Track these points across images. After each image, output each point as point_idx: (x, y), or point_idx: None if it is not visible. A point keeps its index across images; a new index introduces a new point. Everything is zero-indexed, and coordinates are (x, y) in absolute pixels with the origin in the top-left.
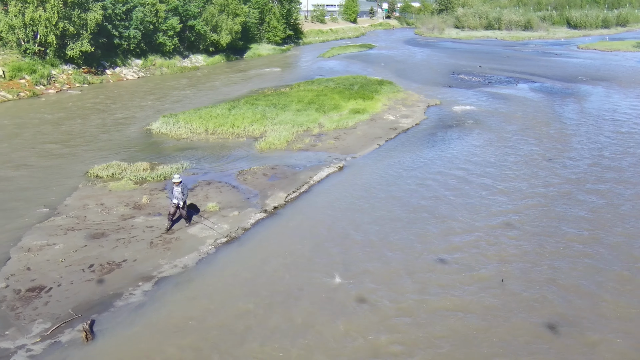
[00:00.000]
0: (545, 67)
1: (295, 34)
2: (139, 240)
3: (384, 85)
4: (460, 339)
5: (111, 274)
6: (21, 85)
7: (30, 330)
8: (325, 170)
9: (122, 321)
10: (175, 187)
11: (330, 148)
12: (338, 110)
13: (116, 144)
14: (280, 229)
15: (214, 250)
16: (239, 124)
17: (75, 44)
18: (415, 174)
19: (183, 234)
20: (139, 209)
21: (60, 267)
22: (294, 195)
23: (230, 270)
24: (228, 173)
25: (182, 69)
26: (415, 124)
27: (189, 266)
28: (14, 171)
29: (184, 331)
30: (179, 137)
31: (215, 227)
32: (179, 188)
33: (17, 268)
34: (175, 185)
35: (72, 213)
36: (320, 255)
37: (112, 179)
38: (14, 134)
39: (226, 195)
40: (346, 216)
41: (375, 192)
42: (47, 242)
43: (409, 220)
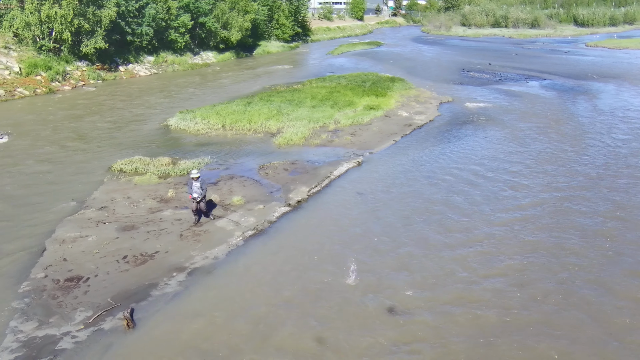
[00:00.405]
0: (554, 64)
1: (303, 31)
2: (168, 233)
3: (396, 83)
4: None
5: (145, 265)
6: (37, 81)
7: (73, 318)
8: (345, 166)
9: (160, 310)
10: (194, 182)
11: (347, 144)
12: (352, 106)
13: (136, 139)
14: (305, 222)
15: (242, 242)
16: (255, 120)
17: (89, 41)
18: (433, 170)
19: (211, 227)
20: (166, 203)
21: (95, 258)
22: (315, 189)
23: (260, 262)
24: (249, 168)
25: (194, 66)
26: (429, 120)
27: (219, 258)
28: (40, 166)
29: (220, 320)
30: (197, 133)
31: (241, 220)
32: (197, 183)
33: (54, 259)
34: (193, 180)
35: (101, 206)
36: (347, 247)
37: (136, 174)
38: (35, 130)
39: (250, 189)
40: (368, 210)
41: (395, 188)
42: (80, 234)
43: (430, 214)
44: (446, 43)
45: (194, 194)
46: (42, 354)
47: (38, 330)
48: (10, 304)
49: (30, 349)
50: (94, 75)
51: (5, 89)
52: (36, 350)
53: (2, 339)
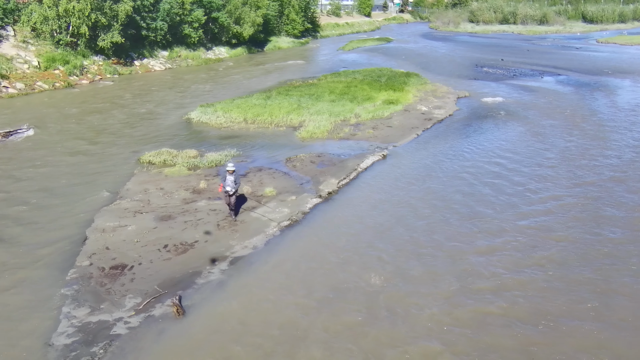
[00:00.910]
0: (567, 60)
1: (312, 27)
2: (205, 223)
3: (411, 78)
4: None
5: (186, 253)
6: (55, 75)
7: (123, 304)
8: (370, 159)
9: (207, 297)
10: (229, 175)
11: (370, 137)
12: (371, 101)
13: (159, 132)
14: (337, 213)
15: (278, 232)
16: (276, 114)
17: (106, 35)
18: (459, 164)
19: (247, 217)
20: (199, 194)
21: (137, 247)
22: (344, 181)
23: (298, 251)
24: (276, 160)
25: (207, 61)
26: (448, 114)
27: (258, 247)
28: (70, 158)
29: (265, 308)
30: (220, 126)
31: (276, 210)
32: (232, 177)
33: (97, 247)
34: (228, 173)
35: (136, 197)
36: (382, 240)
37: (164, 165)
38: (60, 123)
39: (280, 181)
40: (399, 203)
41: (423, 180)
42: (119, 223)
43: (460, 207)
44: (456, 39)
45: (227, 187)
46: (98, 339)
47: (91, 316)
48: (60, 291)
49: (85, 333)
50: (111, 70)
51: (25, 82)
52: (92, 335)
53: (57, 324)
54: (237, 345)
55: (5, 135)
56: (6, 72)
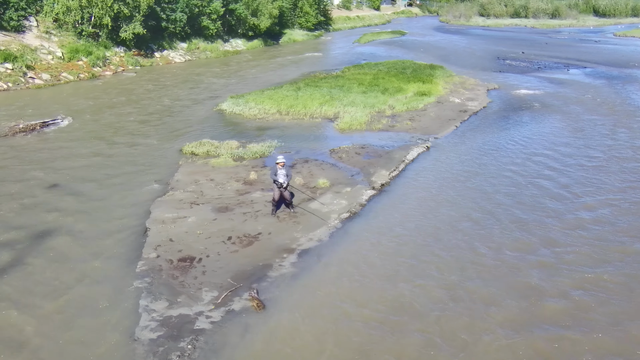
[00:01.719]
0: (589, 53)
1: (325, 20)
2: (264, 215)
3: (436, 70)
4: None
5: (252, 246)
6: (79, 66)
7: (201, 297)
8: (415, 150)
9: (283, 291)
10: (280, 168)
11: (409, 129)
12: (402, 92)
13: (194, 123)
14: (394, 205)
15: (340, 225)
16: (309, 105)
17: (128, 26)
18: (506, 156)
19: (306, 209)
20: (251, 185)
21: (200, 239)
22: (394, 173)
23: (364, 243)
24: (320, 152)
25: (225, 53)
26: (482, 106)
27: (323, 240)
28: (111, 149)
29: (346, 302)
30: (254, 118)
31: (334, 202)
32: (283, 170)
33: (161, 239)
34: (279, 166)
35: (188, 188)
36: (445, 232)
37: (208, 156)
38: (92, 114)
39: (329, 172)
40: (455, 195)
41: (468, 176)
42: (178, 214)
43: (512, 210)
44: (469, 32)
45: (279, 179)
46: (183, 334)
47: (170, 310)
48: (133, 284)
49: (169, 328)
50: (132, 61)
51: (50, 73)
52: (176, 329)
53: (138, 318)
54: (327, 341)
55: (43, 126)
56: (31, 62)
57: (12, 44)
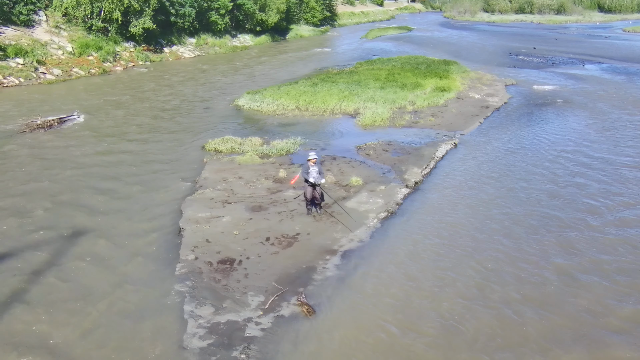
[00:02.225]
0: (601, 49)
1: (330, 16)
2: (300, 214)
3: (451, 65)
4: None
5: (292, 247)
6: (90, 62)
7: (247, 303)
8: (443, 147)
9: (331, 295)
10: (312, 166)
11: (433, 125)
12: (421, 88)
13: (213, 120)
14: (431, 203)
15: (379, 224)
16: (328, 101)
17: (138, 21)
18: (532, 156)
19: (343, 208)
20: (281, 183)
21: (238, 240)
22: (426, 170)
23: (405, 245)
24: (346, 148)
25: (234, 49)
26: (503, 102)
27: (365, 240)
28: (131, 145)
29: (399, 307)
30: (273, 114)
31: (370, 201)
32: (315, 167)
33: (197, 240)
34: (311, 164)
35: (218, 186)
36: (489, 233)
37: (232, 153)
38: (107, 110)
39: (360, 170)
40: (486, 201)
41: (501, 174)
42: (211, 214)
43: (554, 212)
44: (476, 28)
45: (311, 178)
46: (234, 342)
47: (217, 316)
48: (174, 287)
49: (219, 335)
50: (142, 57)
51: (61, 68)
52: (226, 337)
53: (185, 325)
54: (387, 352)
55: (60, 122)
56: (42, 57)
57: (22, 39)
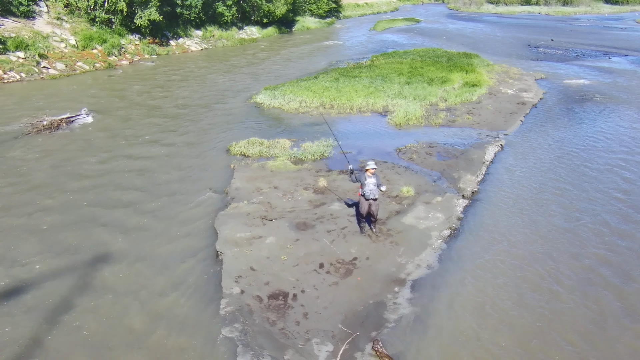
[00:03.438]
0: (621, 40)
1: (335, 7)
2: (353, 233)
3: (473, 58)
4: None
5: (352, 276)
6: (95, 55)
7: (314, 354)
8: (490, 149)
9: (411, 341)
10: (369, 177)
11: (472, 124)
12: (449, 83)
13: (232, 118)
14: (494, 218)
15: (445, 245)
16: (354, 98)
17: (144, 12)
18: (592, 155)
19: (399, 225)
20: (323, 194)
21: (287, 267)
22: (480, 177)
23: (479, 272)
24: (385, 151)
25: (241, 41)
26: (539, 98)
27: (433, 266)
28: (149, 148)
29: (491, 350)
30: (297, 111)
31: (429, 216)
32: (373, 179)
33: (240, 268)
34: (368, 174)
35: (253, 199)
36: (568, 257)
37: (261, 157)
38: (117, 108)
39: (408, 177)
40: (551, 214)
41: (562, 179)
42: (251, 234)
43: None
44: (484, 20)
45: (367, 192)
46: None
47: None
48: (221, 332)
49: None
50: (148, 50)
51: (65, 62)
52: None
53: None
54: None
55: (67, 122)
56: (44, 50)
57: (23, 31)
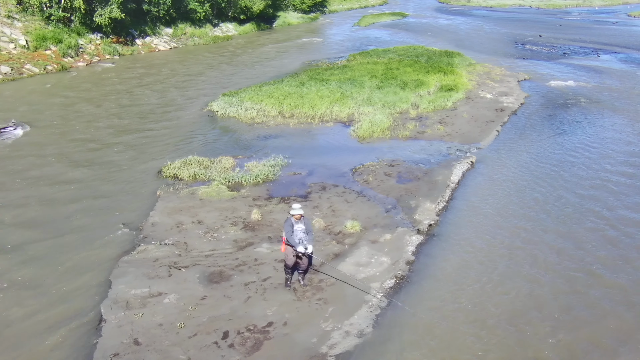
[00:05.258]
0: (612, 36)
1: (320, 1)
2: (276, 287)
3: (454, 57)
4: None
5: (260, 351)
6: (47, 56)
7: None
8: (459, 168)
9: None
10: (296, 223)
11: (443, 136)
12: (424, 87)
13: (179, 130)
14: (453, 261)
15: (385, 302)
16: (318, 105)
17: (103, 10)
18: (575, 172)
19: (335, 273)
20: (253, 230)
21: (182, 339)
22: (442, 205)
23: (431, 338)
24: (340, 172)
25: (215, 39)
26: (520, 103)
27: (366, 333)
28: (71, 171)
29: None
30: (252, 122)
31: (372, 261)
32: (301, 224)
33: (121, 342)
34: (295, 220)
35: (168, 238)
36: (537, 304)
37: (195, 181)
38: (56, 118)
39: (357, 206)
40: (527, 254)
41: (540, 205)
42: (150, 290)
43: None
44: (474, 14)
45: (299, 246)
46: None
47: None
48: None
49: None
50: (110, 50)
51: (11, 65)
52: None
53: None
54: None
55: None
56: None
57: None
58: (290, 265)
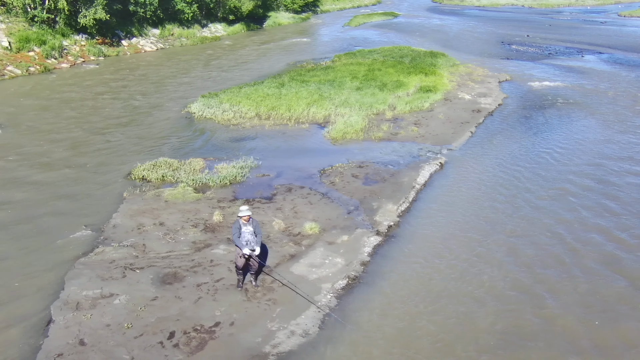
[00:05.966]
0: (599, 36)
1: (312, 1)
2: (228, 287)
3: (438, 58)
4: None
5: (203, 351)
6: (30, 58)
7: None
8: (427, 169)
9: None
10: (244, 225)
11: (416, 137)
12: (404, 88)
13: (155, 132)
14: (410, 262)
15: (335, 302)
16: (295, 107)
17: (88, 11)
18: (543, 173)
19: (288, 275)
20: (213, 232)
21: (127, 339)
22: (404, 206)
23: (372, 339)
24: (308, 173)
25: (203, 40)
26: (498, 104)
27: (311, 333)
28: (40, 173)
29: None
30: (228, 123)
31: (326, 262)
32: (249, 227)
33: (67, 342)
34: (243, 222)
35: (127, 239)
36: (488, 308)
37: (163, 183)
38: (33, 120)
39: (320, 208)
40: (489, 253)
41: (508, 207)
42: (102, 291)
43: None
44: (466, 13)
45: (245, 248)
46: None
47: None
48: None
49: None
50: (95, 51)
51: None
52: None
53: None
54: None
55: None
56: None
57: None
58: (241, 267)
